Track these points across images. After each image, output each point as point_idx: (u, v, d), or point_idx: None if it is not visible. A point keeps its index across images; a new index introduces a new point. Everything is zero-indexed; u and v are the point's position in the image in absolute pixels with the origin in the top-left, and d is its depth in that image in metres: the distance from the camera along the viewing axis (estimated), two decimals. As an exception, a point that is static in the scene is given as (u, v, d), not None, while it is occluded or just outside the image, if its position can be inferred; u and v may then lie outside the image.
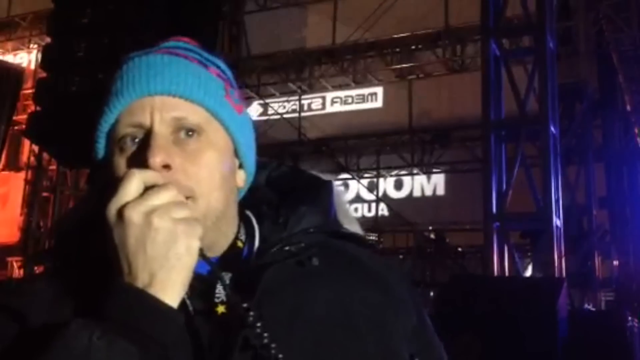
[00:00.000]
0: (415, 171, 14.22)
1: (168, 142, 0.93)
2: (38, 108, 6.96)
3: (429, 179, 14.22)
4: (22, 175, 14.67)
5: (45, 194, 13.80)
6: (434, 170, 14.09)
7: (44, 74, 6.95)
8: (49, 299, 0.95)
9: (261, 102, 13.87)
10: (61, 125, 6.38)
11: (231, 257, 0.99)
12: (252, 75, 13.71)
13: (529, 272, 8.36)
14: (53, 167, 13.65)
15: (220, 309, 0.94)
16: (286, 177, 1.11)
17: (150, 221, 0.83)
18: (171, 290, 0.84)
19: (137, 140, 0.94)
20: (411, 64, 13.28)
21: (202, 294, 0.93)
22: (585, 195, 10.74)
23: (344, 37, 12.39)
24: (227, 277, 0.95)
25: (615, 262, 11.48)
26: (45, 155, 12.53)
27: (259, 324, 0.89)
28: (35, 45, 15.03)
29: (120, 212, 0.84)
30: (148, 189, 0.86)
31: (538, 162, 6.79)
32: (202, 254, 0.87)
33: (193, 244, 0.85)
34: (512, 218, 6.82)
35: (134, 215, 0.84)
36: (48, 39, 7.15)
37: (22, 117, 12.42)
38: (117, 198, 0.85)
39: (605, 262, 11.24)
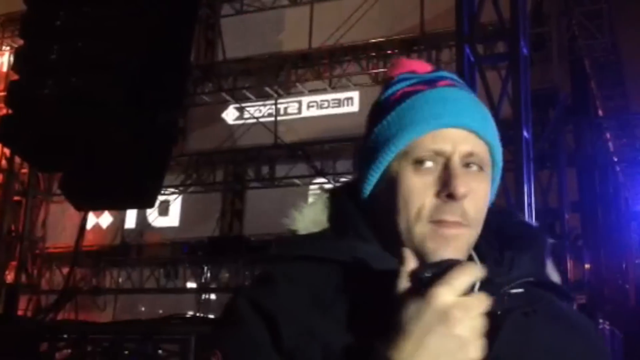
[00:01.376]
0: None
1: (462, 173, 1.03)
2: (10, 111, 6.87)
3: (404, 183, 14.28)
4: (-7, 178, 14.46)
5: (16, 198, 13.61)
6: (409, 174, 14.16)
7: (16, 77, 6.86)
8: (303, 303, 0.98)
9: (237, 106, 13.83)
10: (33, 129, 6.31)
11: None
12: (228, 79, 13.67)
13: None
14: (25, 170, 13.47)
15: None
16: (497, 219, 1.15)
17: (452, 323, 0.83)
18: None
19: (431, 165, 1.03)
20: (387, 69, 13.32)
21: None
22: (558, 199, 10.86)
23: (320, 42, 12.41)
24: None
25: (587, 266, 11.62)
26: (17, 159, 12.37)
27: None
28: (8, 48, 14.84)
29: (444, 305, 0.84)
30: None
31: (511, 166, 6.85)
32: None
33: (475, 356, 0.85)
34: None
35: (457, 322, 0.84)
36: (21, 42, 7.06)
37: (-6, 120, 12.24)
38: (451, 287, 0.85)
39: (577, 265, 11.37)
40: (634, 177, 13.62)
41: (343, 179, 14.55)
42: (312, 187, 13.39)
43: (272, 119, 13.85)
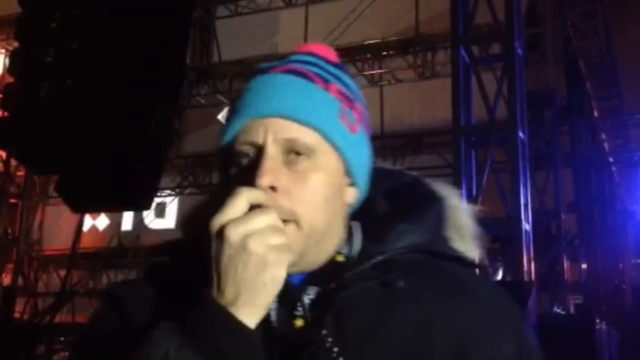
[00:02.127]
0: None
1: (277, 163, 0.97)
2: (5, 114, 6.86)
3: (400, 184, 14.30)
4: (-11, 181, 14.43)
5: (13, 201, 13.59)
6: (406, 175, 14.16)
7: (11, 79, 6.85)
8: (149, 298, 1.02)
9: (233, 107, 13.83)
10: (29, 131, 6.30)
11: (325, 272, 1.01)
12: (224, 80, 13.67)
13: (499, 276, 8.44)
14: (21, 173, 13.45)
15: (299, 322, 0.97)
16: (404, 189, 1.12)
17: (245, 244, 0.88)
18: (252, 311, 0.88)
19: (249, 158, 0.99)
20: (382, 70, 13.35)
21: (288, 306, 0.98)
22: (554, 200, 10.88)
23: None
24: (313, 291, 0.99)
25: (584, 266, 11.66)
26: (13, 162, 12.35)
27: (329, 340, 0.92)
28: (3, 50, 14.81)
29: (222, 229, 0.89)
30: (253, 207, 0.91)
31: (507, 167, 6.87)
32: (286, 278, 0.90)
33: (279, 273, 0.89)
34: (482, 223, 6.86)
35: (233, 236, 0.88)
36: (16, 44, 7.05)
37: (-11, 122, 12.22)
38: (222, 214, 0.90)
39: (573, 265, 11.40)
40: (630, 177, 13.64)
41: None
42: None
43: (268, 120, 13.83)
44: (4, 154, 12.56)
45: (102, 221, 14.68)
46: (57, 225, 14.34)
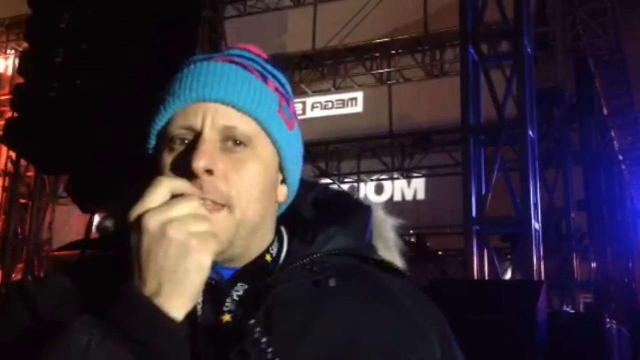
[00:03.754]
0: (395, 175, 14.27)
1: (215, 148, 0.95)
2: (15, 114, 6.89)
3: (409, 183, 14.28)
4: (-1, 181, 14.53)
5: (23, 201, 13.65)
6: (414, 174, 14.16)
7: (21, 80, 6.89)
8: (65, 294, 0.98)
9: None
10: (39, 132, 6.33)
11: (254, 269, 1.00)
12: (232, 80, 13.68)
13: (508, 275, 8.42)
14: (31, 173, 13.51)
15: (226, 317, 0.95)
16: (330, 199, 1.11)
17: (164, 231, 0.84)
18: (177, 302, 0.84)
19: (186, 142, 0.96)
20: (391, 69, 13.33)
21: (215, 301, 0.95)
22: (564, 198, 10.84)
23: (323, 42, 12.42)
24: (242, 288, 0.97)
25: (594, 265, 11.60)
26: (23, 162, 12.41)
27: (259, 334, 0.90)
28: (13, 51, 14.89)
29: (140, 218, 0.86)
30: (175, 197, 0.88)
31: (517, 165, 6.85)
32: (213, 268, 0.87)
33: (204, 260, 0.85)
34: (491, 221, 6.86)
35: (151, 223, 0.85)
36: (25, 45, 7.09)
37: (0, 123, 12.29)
38: (141, 203, 0.87)
39: (583, 264, 11.36)
40: (640, 175, 13.58)
41: (348, 180, 14.58)
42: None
43: (277, 120, 13.85)
44: (13, 154, 12.63)
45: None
46: (67, 225, 14.39)
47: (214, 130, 0.96)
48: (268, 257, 1.02)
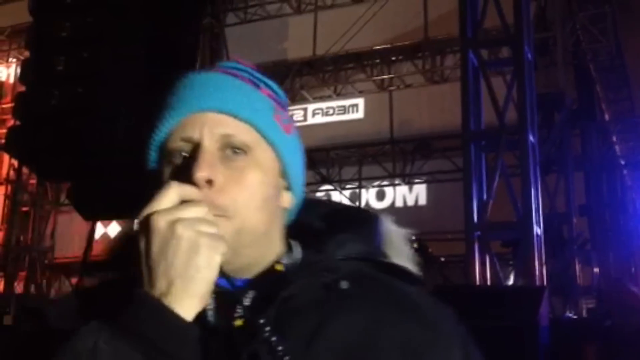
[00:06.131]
0: (397, 181, 14.26)
1: (215, 158, 0.95)
2: (17, 122, 6.91)
3: (410, 189, 14.26)
4: (1, 189, 14.53)
5: (24, 209, 13.66)
6: (416, 180, 14.15)
7: (23, 88, 6.91)
8: (78, 311, 0.99)
9: (242, 114, 13.87)
10: (41, 140, 6.35)
11: (265, 278, 0.99)
12: (233, 87, 13.71)
13: (510, 281, 8.41)
14: (33, 181, 13.52)
15: (238, 322, 0.94)
16: (338, 212, 1.11)
17: (174, 230, 0.84)
18: (188, 301, 0.84)
19: (184, 154, 0.97)
20: (391, 75, 13.35)
21: (226, 308, 0.94)
22: (565, 203, 10.83)
23: (324, 49, 12.44)
24: (250, 294, 0.96)
25: (596, 270, 11.57)
26: (25, 170, 12.42)
27: (272, 337, 0.89)
28: (14, 59, 14.93)
29: (148, 219, 0.86)
30: (184, 203, 0.88)
31: (518, 171, 6.85)
32: (221, 271, 0.87)
33: (214, 258, 0.85)
34: (493, 227, 6.86)
35: (160, 222, 0.85)
36: (27, 53, 7.12)
37: (1, 131, 12.31)
38: (150, 206, 0.88)
39: (585, 269, 11.33)
40: (641, 180, 13.57)
41: (349, 186, 14.58)
42: (318, 194, 13.38)
43: (278, 126, 13.84)
44: (16, 162, 12.64)
45: (113, 229, 14.71)
46: (69, 233, 14.39)
47: (212, 140, 0.96)
48: (279, 267, 1.01)
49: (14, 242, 13.30)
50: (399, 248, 1.11)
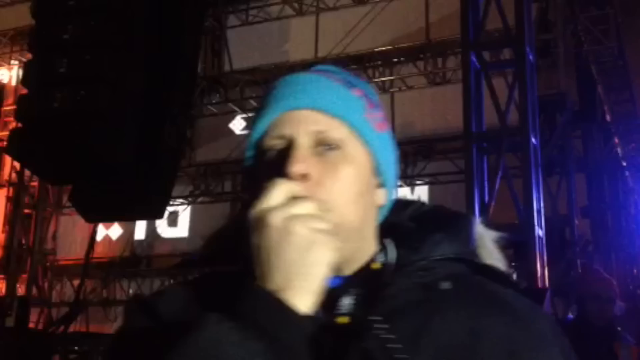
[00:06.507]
0: (399, 183, 14.26)
1: (309, 153, 0.98)
2: (19, 125, 6.92)
3: (412, 190, 14.26)
4: (3, 192, 14.54)
5: (26, 211, 13.67)
6: (417, 182, 14.14)
7: (25, 91, 6.92)
8: (188, 301, 1.00)
9: (245, 116, 13.88)
10: (42, 142, 6.36)
11: (363, 276, 1.01)
12: (235, 89, 13.72)
13: (512, 283, 8.39)
14: (35, 183, 13.54)
15: (342, 319, 0.96)
16: (429, 213, 1.12)
17: (289, 226, 0.87)
18: (303, 297, 0.86)
19: (280, 150, 1.00)
20: (393, 77, 13.35)
21: (325, 306, 0.94)
22: (567, 205, 10.82)
23: (326, 51, 12.44)
24: (352, 292, 0.99)
25: (598, 271, 11.54)
26: (27, 172, 12.44)
27: (384, 334, 0.91)
28: (16, 62, 14.95)
29: (263, 216, 0.88)
30: (292, 199, 0.91)
31: (519, 173, 6.84)
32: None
33: (328, 254, 0.88)
34: (494, 229, 6.84)
35: (276, 219, 0.88)
36: (29, 56, 7.13)
37: (3, 133, 12.35)
38: (262, 203, 0.90)
39: (588, 271, 11.30)
40: (644, 182, 13.55)
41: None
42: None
43: (280, 128, 13.86)
44: (18, 165, 12.66)
45: (115, 230, 14.74)
46: (71, 235, 14.41)
47: (306, 136, 0.99)
48: (375, 265, 1.03)
49: (16, 244, 13.31)
50: (491, 250, 1.12)
